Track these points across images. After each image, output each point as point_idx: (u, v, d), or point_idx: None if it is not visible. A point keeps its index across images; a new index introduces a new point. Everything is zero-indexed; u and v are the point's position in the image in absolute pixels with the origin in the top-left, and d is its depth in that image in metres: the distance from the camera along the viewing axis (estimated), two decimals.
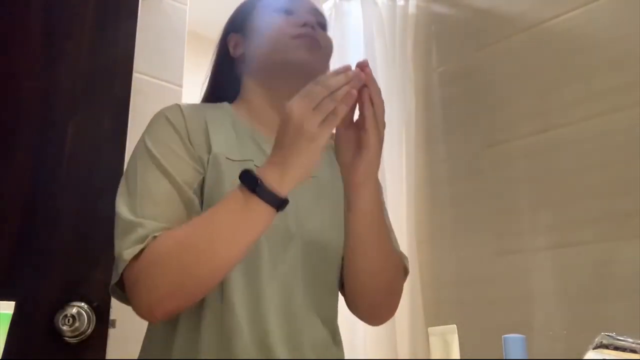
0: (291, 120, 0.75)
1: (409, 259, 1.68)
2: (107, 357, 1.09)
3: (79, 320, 1.07)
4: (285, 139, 0.76)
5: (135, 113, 1.27)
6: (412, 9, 1.94)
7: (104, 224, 1.14)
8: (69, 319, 1.06)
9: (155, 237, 0.80)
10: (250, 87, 1.04)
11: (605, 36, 1.49)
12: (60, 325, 1.06)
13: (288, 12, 1.04)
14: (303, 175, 0.78)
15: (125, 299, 0.85)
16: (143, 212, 0.83)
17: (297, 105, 0.76)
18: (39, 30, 1.15)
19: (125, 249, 0.80)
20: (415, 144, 1.83)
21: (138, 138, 0.94)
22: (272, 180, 0.76)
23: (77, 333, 1.07)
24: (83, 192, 1.14)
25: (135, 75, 1.29)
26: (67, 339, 1.07)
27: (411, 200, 1.77)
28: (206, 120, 0.95)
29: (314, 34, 1.01)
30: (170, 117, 0.94)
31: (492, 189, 1.65)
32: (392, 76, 1.85)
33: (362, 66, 0.80)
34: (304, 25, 1.01)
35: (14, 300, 0.74)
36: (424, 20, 1.94)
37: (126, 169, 0.92)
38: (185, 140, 0.91)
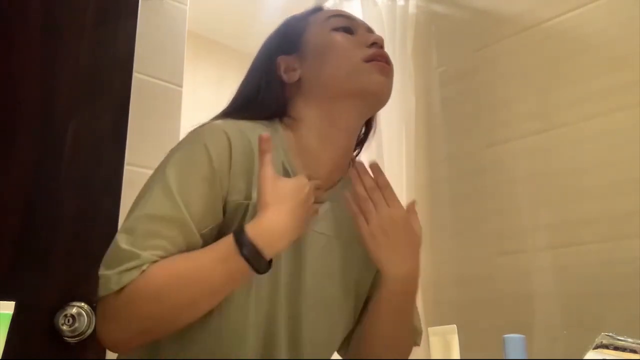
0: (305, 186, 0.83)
1: None
2: (107, 357, 1.09)
3: (79, 320, 1.07)
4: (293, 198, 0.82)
5: (135, 113, 1.27)
6: (412, 9, 1.94)
7: (104, 224, 1.14)
8: (69, 319, 1.06)
9: (143, 270, 0.77)
10: (309, 111, 0.95)
11: (605, 36, 1.49)
12: (60, 325, 1.06)
13: (348, 31, 0.96)
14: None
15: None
16: (144, 243, 0.78)
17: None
18: (39, 30, 1.15)
19: (115, 275, 0.76)
20: (415, 144, 1.83)
21: (138, 138, 0.92)
22: (264, 245, 0.78)
23: (77, 333, 1.07)
24: (83, 192, 1.14)
25: (135, 75, 1.29)
26: (67, 339, 1.07)
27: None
28: (254, 158, 0.86)
29: (385, 54, 0.95)
30: (211, 149, 0.84)
31: (492, 189, 1.65)
32: None
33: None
34: (373, 44, 0.94)
35: (14, 300, 0.74)
36: (424, 20, 1.94)
37: (146, 184, 0.85)
38: (217, 182, 0.83)
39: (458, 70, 1.83)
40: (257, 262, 0.77)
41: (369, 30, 1.00)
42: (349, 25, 0.97)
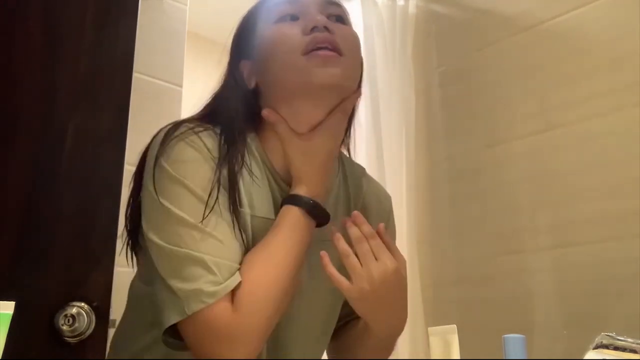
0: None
1: (409, 259, 1.68)
2: (107, 358, 1.09)
3: (79, 320, 1.07)
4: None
5: (135, 113, 1.27)
6: (412, 9, 1.94)
7: (104, 223, 1.14)
8: (69, 319, 1.06)
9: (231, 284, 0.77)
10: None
11: (605, 36, 1.48)
12: (60, 325, 1.06)
13: (294, 17, 0.88)
14: None
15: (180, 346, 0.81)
16: (216, 252, 0.79)
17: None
18: (39, 30, 1.15)
19: (206, 286, 0.76)
20: (415, 144, 1.83)
21: (138, 138, 0.93)
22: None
23: (77, 333, 1.07)
24: (83, 192, 1.14)
25: (135, 75, 1.29)
26: (67, 339, 1.06)
27: (411, 200, 1.77)
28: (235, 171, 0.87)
29: (328, 37, 0.84)
30: (205, 155, 0.86)
31: (492, 189, 1.65)
32: (392, 76, 1.85)
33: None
34: (313, 29, 0.84)
35: (14, 300, 0.74)
36: (424, 20, 1.94)
37: (159, 214, 0.85)
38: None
39: (458, 70, 1.83)
40: (319, 211, 0.85)
41: (319, 8, 0.89)
42: (293, 12, 0.88)
